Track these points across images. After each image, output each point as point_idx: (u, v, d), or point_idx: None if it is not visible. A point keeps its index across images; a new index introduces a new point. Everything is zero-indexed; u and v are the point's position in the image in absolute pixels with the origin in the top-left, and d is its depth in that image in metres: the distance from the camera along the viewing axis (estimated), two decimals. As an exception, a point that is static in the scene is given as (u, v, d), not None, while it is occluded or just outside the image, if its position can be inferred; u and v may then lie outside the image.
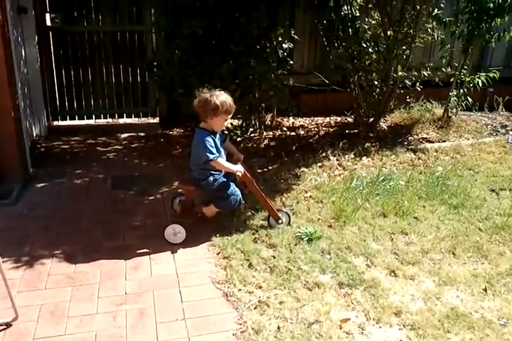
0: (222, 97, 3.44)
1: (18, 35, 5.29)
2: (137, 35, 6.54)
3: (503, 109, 7.00)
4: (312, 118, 6.74)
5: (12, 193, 4.36)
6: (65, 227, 3.86)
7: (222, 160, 3.57)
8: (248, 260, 3.38)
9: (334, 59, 5.63)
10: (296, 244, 3.57)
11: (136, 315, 2.85)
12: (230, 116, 3.56)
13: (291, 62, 4.87)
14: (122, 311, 2.88)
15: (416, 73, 5.68)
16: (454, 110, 6.59)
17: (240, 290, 3.05)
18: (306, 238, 3.63)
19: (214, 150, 3.49)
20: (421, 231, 3.80)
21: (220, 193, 3.64)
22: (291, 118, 6.68)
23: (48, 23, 6.50)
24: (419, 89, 5.67)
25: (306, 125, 6.51)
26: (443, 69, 6.06)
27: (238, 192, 3.68)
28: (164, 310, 2.89)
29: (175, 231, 3.61)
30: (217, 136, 3.61)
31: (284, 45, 4.61)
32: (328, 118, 6.78)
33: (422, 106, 6.88)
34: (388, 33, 5.56)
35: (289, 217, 3.85)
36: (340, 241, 3.63)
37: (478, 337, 2.68)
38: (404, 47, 5.64)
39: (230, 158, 3.77)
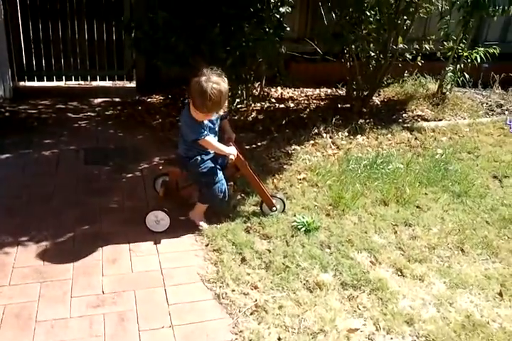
0: (220, 87, 2.91)
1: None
2: (113, -11, 5.92)
3: (499, 87, 6.71)
4: (301, 89, 6.31)
5: (-29, 166, 3.87)
6: (32, 209, 3.42)
7: (213, 140, 3.15)
8: (241, 254, 3.03)
9: (332, 26, 5.15)
10: (292, 236, 3.24)
11: (115, 321, 2.48)
12: (219, 112, 3.11)
13: (288, 28, 4.38)
14: (99, 315, 2.51)
15: (417, 46, 5.27)
16: (449, 86, 6.26)
17: (234, 290, 2.72)
18: (303, 228, 3.30)
19: (201, 128, 3.07)
20: (425, 223, 3.52)
21: (205, 178, 3.22)
22: (279, 88, 6.24)
23: (13, -30, 5.80)
24: (420, 64, 5.29)
25: (295, 97, 6.08)
26: (444, 42, 5.65)
27: (224, 181, 3.27)
28: (148, 314, 2.54)
29: (157, 218, 3.22)
30: None
31: (281, 9, 4.12)
32: (318, 90, 6.36)
33: (416, 80, 6.53)
34: (390, 1, 5.12)
35: (284, 204, 3.50)
36: (341, 232, 3.31)
37: (497, 351, 2.44)
38: (405, 17, 5.21)
39: (221, 137, 3.35)
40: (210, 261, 2.98)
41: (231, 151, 3.16)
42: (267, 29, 4.08)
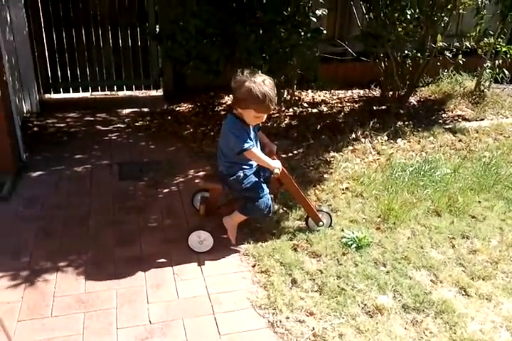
0: (266, 88, 2.75)
1: (1, -4, 4.55)
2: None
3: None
4: (333, 91, 6.10)
5: (3, 186, 3.76)
6: (68, 231, 3.29)
7: (259, 152, 2.97)
8: (291, 275, 2.85)
9: (366, 25, 4.94)
10: (343, 253, 3.04)
11: (167, 355, 2.33)
12: (268, 113, 2.94)
13: (324, 31, 4.18)
14: (149, 349, 2.36)
15: (457, 43, 5.02)
16: (487, 83, 5.99)
17: (288, 318, 2.54)
18: (354, 245, 3.11)
19: (248, 139, 2.90)
20: (483, 235, 3.29)
21: (248, 193, 3.03)
22: (309, 91, 6.04)
23: (36, -19, 5.71)
24: (461, 62, 5.04)
25: (327, 100, 5.88)
26: (485, 38, 5.39)
27: (269, 196, 3.09)
28: (200, 346, 2.38)
29: (200, 239, 3.05)
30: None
31: (318, 12, 3.92)
32: (350, 92, 6.16)
33: (452, 78, 6.27)
34: (428, -4, 4.88)
35: (331, 219, 3.31)
36: (395, 248, 3.11)
37: None
38: (443, 14, 4.97)
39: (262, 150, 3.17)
40: (259, 284, 2.80)
41: (276, 165, 2.97)
42: (303, 33, 3.88)
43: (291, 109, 5.38)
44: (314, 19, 3.95)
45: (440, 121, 5.29)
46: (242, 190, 3.04)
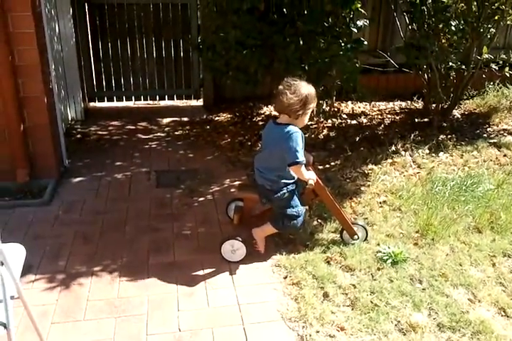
0: (313, 89, 2.79)
1: (51, 8, 4.73)
2: (180, 8, 5.90)
3: None
4: (373, 103, 6.03)
5: (45, 190, 3.87)
6: (106, 236, 3.35)
7: (304, 168, 2.89)
8: (323, 288, 2.80)
9: (409, 36, 4.87)
10: (378, 268, 2.98)
11: (194, 364, 2.32)
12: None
13: (366, 42, 4.14)
14: (177, 357, 2.36)
15: (504, 55, 4.88)
16: (536, 96, 5.80)
17: (318, 332, 2.49)
18: (390, 260, 3.03)
19: (302, 152, 2.82)
20: (526, 254, 3.16)
21: (289, 211, 2.96)
22: (349, 103, 5.99)
23: (84, -6, 5.91)
24: (508, 75, 4.89)
25: (367, 111, 5.82)
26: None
27: (304, 213, 3.05)
28: (228, 357, 2.36)
29: (233, 248, 3.05)
30: None
31: (359, 23, 3.89)
32: (391, 104, 6.08)
33: (498, 91, 6.09)
34: (473, 8, 4.78)
35: (366, 232, 3.25)
36: (432, 265, 3.02)
37: None
38: (489, 26, 4.85)
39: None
40: (290, 296, 2.77)
41: (311, 176, 2.93)
42: (343, 44, 3.85)
43: (329, 120, 5.34)
44: (355, 30, 3.92)
45: (484, 135, 5.14)
46: (283, 207, 2.98)
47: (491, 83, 5.97)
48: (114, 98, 6.24)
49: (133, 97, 6.27)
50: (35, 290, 2.80)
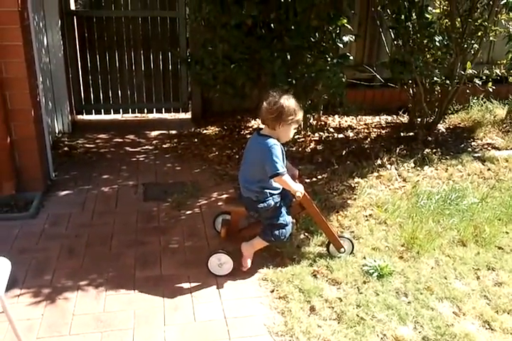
0: (294, 102, 2.84)
1: (39, 20, 4.74)
2: (169, 22, 5.95)
3: None
4: (360, 117, 6.10)
5: (31, 204, 3.85)
6: (91, 250, 3.33)
7: (288, 177, 2.93)
8: (309, 302, 2.81)
9: (394, 52, 4.96)
10: (364, 282, 3.00)
11: (180, 380, 2.31)
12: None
13: (351, 57, 4.20)
14: (163, 372, 2.35)
15: (487, 71, 4.98)
16: (518, 111, 5.90)
17: (305, 346, 2.50)
18: (376, 273, 3.05)
19: (282, 163, 2.87)
20: (510, 267, 3.20)
21: (276, 220, 3.00)
22: (336, 117, 6.05)
23: (73, 7, 5.95)
24: (491, 90, 4.98)
25: (354, 125, 5.87)
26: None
27: (291, 223, 3.09)
28: (214, 372, 2.35)
29: (220, 262, 3.05)
30: None
31: (345, 38, 3.95)
32: (377, 118, 6.14)
33: (482, 105, 6.19)
34: (457, 24, 4.88)
35: (353, 245, 3.27)
36: (418, 278, 3.04)
37: None
38: (473, 41, 4.95)
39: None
40: (277, 310, 2.77)
41: (298, 189, 2.96)
42: (329, 59, 3.91)
43: (316, 134, 5.39)
44: (341, 45, 3.99)
45: (469, 149, 5.22)
46: (270, 218, 3.01)
47: (475, 98, 6.06)
48: (102, 111, 6.24)
49: (121, 110, 6.27)
50: (20, 305, 2.77)
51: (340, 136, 5.49)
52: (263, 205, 2.93)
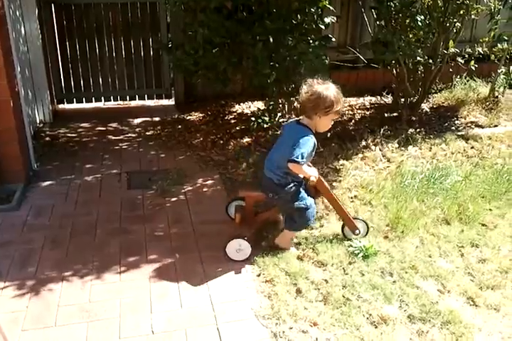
0: (334, 92, 2.80)
1: (16, 9, 4.64)
2: (149, 7, 5.85)
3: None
4: (344, 99, 6.02)
5: (13, 195, 3.80)
6: (75, 240, 3.31)
7: (305, 166, 2.91)
8: (295, 284, 2.82)
9: (377, 33, 4.91)
10: (349, 263, 3.01)
11: (167, 366, 2.32)
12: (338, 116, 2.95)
13: (334, 38, 4.16)
14: (150, 359, 2.35)
15: (470, 49, 4.96)
16: (501, 89, 5.90)
17: (291, 328, 2.51)
18: (361, 254, 3.07)
19: (306, 156, 2.81)
20: (493, 243, 3.23)
21: (298, 204, 2.99)
22: (321, 99, 6.01)
23: (50, -6, 5.82)
24: (474, 68, 4.97)
25: (338, 107, 5.84)
26: (499, 44, 5.31)
27: (315, 205, 3.08)
28: (201, 357, 2.36)
29: (240, 247, 3.02)
30: None
31: (326, 20, 3.90)
32: (361, 99, 6.11)
33: (465, 84, 6.19)
34: (439, 3, 4.84)
35: (367, 227, 3.25)
36: (402, 258, 3.06)
37: None
38: (455, 20, 4.92)
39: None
40: (263, 293, 2.78)
41: (312, 173, 2.95)
42: (311, 41, 3.87)
43: (301, 117, 5.35)
44: (323, 27, 3.94)
45: (453, 127, 5.23)
46: (292, 201, 2.99)
47: (458, 76, 6.06)
48: (84, 99, 6.16)
49: (103, 98, 6.19)
50: (4, 298, 2.76)
51: (325, 118, 5.46)
52: (286, 188, 2.93)
